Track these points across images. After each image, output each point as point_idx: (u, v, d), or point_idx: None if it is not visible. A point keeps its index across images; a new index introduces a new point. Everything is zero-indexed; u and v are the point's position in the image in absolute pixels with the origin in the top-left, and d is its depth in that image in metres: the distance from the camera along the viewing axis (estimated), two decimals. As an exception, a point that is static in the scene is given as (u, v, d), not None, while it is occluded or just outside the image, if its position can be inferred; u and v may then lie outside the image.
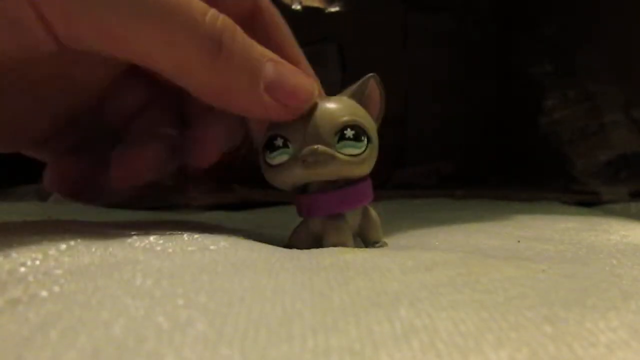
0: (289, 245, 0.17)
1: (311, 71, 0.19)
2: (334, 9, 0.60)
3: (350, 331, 0.08)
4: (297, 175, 0.16)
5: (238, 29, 0.15)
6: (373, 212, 0.18)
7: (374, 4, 0.62)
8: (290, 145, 0.16)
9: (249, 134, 0.21)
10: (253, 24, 0.19)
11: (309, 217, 0.17)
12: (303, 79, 0.16)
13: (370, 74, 0.17)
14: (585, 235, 0.21)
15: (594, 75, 0.53)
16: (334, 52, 0.58)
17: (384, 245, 0.18)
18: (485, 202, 0.43)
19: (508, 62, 0.66)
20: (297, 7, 0.56)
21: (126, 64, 0.18)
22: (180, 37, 0.14)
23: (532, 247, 0.18)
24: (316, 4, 0.59)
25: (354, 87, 0.17)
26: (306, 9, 0.57)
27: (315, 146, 0.15)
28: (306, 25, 0.19)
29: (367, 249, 0.17)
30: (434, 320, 0.09)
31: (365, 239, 0.18)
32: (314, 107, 0.16)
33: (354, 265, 0.12)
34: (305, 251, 0.15)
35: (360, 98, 0.17)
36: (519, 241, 0.19)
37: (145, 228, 0.16)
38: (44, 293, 0.10)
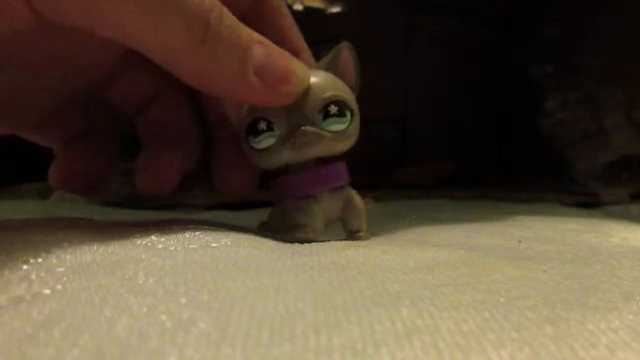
0: (264, 224, 0.17)
1: (313, 62, 0.19)
2: (335, 9, 0.60)
3: (353, 330, 0.08)
4: (286, 157, 0.16)
5: (225, 10, 0.15)
6: (358, 200, 0.18)
7: (375, 5, 0.62)
8: (275, 128, 0.16)
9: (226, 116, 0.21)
10: (257, 9, 0.18)
11: (284, 199, 0.17)
12: (294, 62, 0.15)
13: (343, 43, 0.17)
14: (586, 237, 0.21)
15: (594, 76, 0.53)
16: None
17: (365, 237, 0.18)
18: (486, 203, 0.43)
19: (508, 62, 0.66)
20: (298, 7, 0.56)
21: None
22: (168, 15, 0.13)
23: (533, 247, 0.18)
24: (317, 5, 0.59)
25: (326, 58, 0.17)
26: (307, 9, 0.57)
27: (303, 127, 0.15)
28: (307, 25, 0.19)
29: (367, 245, 0.16)
30: (435, 320, 0.09)
31: (345, 226, 0.18)
32: None
33: (355, 265, 0.12)
34: (307, 247, 0.15)
35: (334, 69, 0.16)
36: (520, 241, 0.19)
37: (146, 226, 0.16)
38: (47, 291, 0.10)
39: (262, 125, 0.16)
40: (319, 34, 0.19)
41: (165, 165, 0.18)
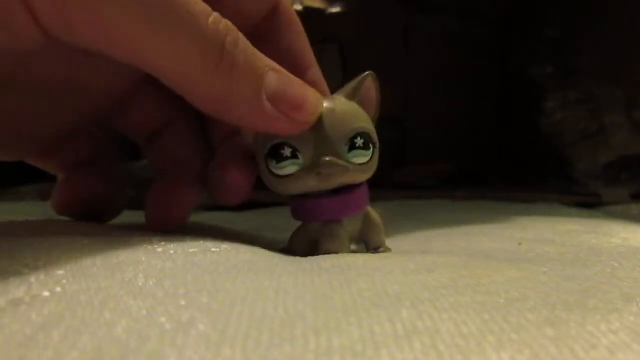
0: (288, 249, 0.17)
1: (322, 79, 0.19)
2: (335, 9, 0.60)
3: (353, 332, 0.08)
4: (309, 186, 0.16)
5: (241, 35, 0.14)
6: (376, 216, 0.18)
7: (375, 5, 0.62)
8: (299, 156, 0.15)
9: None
10: (271, 24, 0.18)
11: (308, 221, 0.17)
12: (308, 90, 0.15)
13: (368, 72, 0.16)
14: (586, 238, 0.21)
15: (595, 76, 0.53)
16: (335, 52, 0.58)
17: (387, 250, 0.18)
18: (486, 203, 0.43)
19: (508, 63, 0.66)
20: (298, 7, 0.56)
21: (141, 72, 0.18)
22: (182, 38, 0.13)
23: (534, 249, 0.18)
24: (317, 5, 0.59)
25: (351, 85, 0.16)
26: (307, 10, 0.57)
27: (329, 158, 0.15)
28: (307, 25, 0.19)
29: (367, 253, 0.16)
30: (435, 321, 0.09)
31: (367, 244, 0.18)
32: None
33: (355, 267, 0.12)
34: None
35: (357, 97, 0.16)
36: (520, 243, 0.19)
37: (146, 229, 0.16)
38: (46, 293, 0.10)
39: (287, 151, 0.15)
40: (319, 33, 0.19)
41: (175, 204, 0.17)
